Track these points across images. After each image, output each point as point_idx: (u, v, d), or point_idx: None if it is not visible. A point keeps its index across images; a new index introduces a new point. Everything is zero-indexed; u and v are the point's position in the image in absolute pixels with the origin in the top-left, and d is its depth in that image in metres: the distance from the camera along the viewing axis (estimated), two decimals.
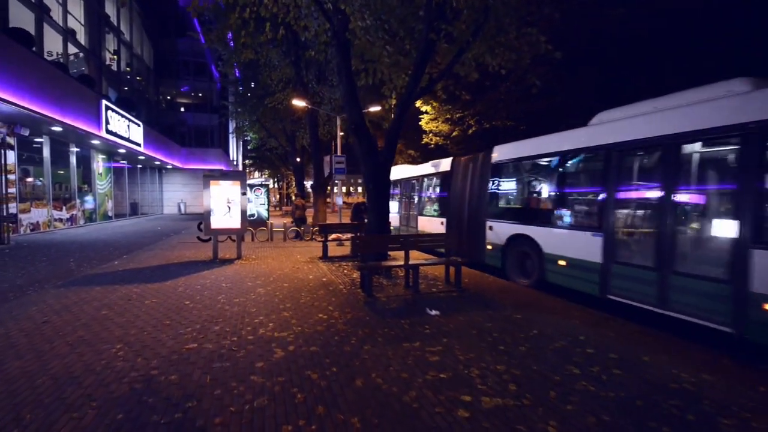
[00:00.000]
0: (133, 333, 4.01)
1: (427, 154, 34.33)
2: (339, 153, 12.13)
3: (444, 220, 9.56)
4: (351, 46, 7.67)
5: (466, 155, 10.12)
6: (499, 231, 7.52)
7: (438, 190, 10.44)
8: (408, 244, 6.31)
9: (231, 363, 3.30)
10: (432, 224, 10.30)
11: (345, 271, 7.50)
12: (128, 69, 24.68)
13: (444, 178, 9.92)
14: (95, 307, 4.89)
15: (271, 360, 3.38)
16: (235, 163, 39.79)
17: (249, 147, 35.09)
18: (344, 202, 17.93)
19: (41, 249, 9.62)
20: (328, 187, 18.06)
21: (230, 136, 35.84)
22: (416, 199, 11.63)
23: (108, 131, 15.64)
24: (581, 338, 4.07)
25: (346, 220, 15.01)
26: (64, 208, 15.17)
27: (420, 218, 11.15)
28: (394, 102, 8.61)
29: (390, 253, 7.37)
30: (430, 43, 6.76)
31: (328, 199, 36.66)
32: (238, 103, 20.59)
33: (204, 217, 8.51)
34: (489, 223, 7.81)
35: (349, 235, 9.72)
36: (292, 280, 6.68)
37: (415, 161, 40.16)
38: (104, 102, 15.35)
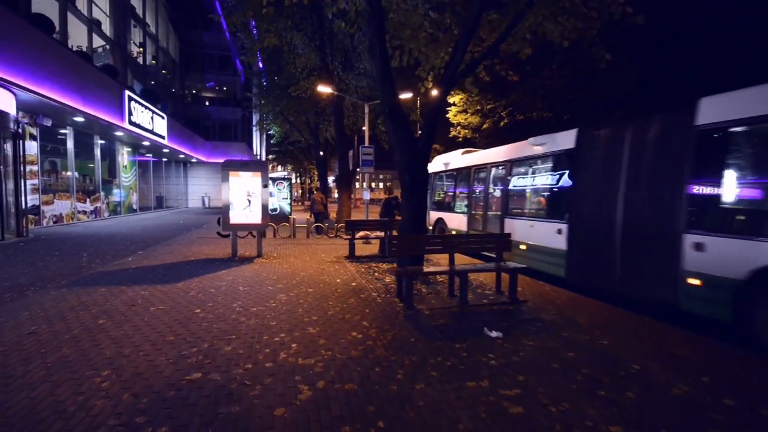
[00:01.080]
0: (127, 353, 3.26)
1: (453, 149, 33.12)
2: (367, 144, 11.20)
3: (564, 226, 6.17)
4: (386, 18, 6.73)
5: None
6: (730, 255, 3.97)
7: (550, 180, 6.92)
8: (452, 246, 5.36)
9: (242, 408, 2.46)
10: (539, 232, 6.76)
11: (376, 274, 6.62)
12: (154, 62, 24.67)
13: (561, 161, 6.58)
14: (93, 315, 4.20)
15: (294, 404, 2.52)
16: (258, 157, 39.73)
17: (272, 141, 34.84)
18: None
19: (57, 242, 9.23)
20: (353, 182, 17.23)
21: (253, 129, 35.69)
22: (498, 194, 8.35)
23: (131, 122, 15.37)
24: (704, 380, 3.02)
25: (374, 216, 14.20)
26: (88, 200, 15.03)
27: (513, 222, 7.45)
28: (430, 85, 7.63)
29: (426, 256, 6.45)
30: (484, 5, 5.73)
31: (357, 196, 36.05)
32: (261, 94, 20.08)
33: (222, 211, 7.82)
34: (694, 239, 4.31)
35: (377, 233, 8.85)
36: (317, 284, 5.85)
37: (438, 154, 39.08)
38: (127, 93, 15.06)
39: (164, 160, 24.84)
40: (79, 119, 12.80)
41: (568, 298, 5.48)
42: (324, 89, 12.41)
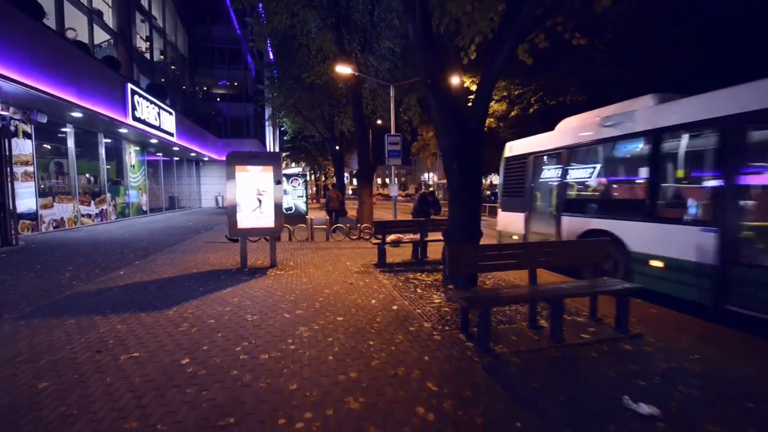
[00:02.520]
0: None
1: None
2: (393, 131, 9.67)
3: (712, 234, 4.21)
4: None
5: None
6: None
7: (701, 163, 4.74)
8: (531, 260, 3.90)
9: None
10: (669, 239, 4.73)
11: (418, 290, 5.23)
12: (162, 57, 23.71)
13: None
14: (33, 373, 2.92)
15: None
16: None
17: (285, 138, 33.76)
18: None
19: (46, 252, 8.14)
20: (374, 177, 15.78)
21: (266, 125, 34.64)
22: (616, 185, 6.10)
23: (135, 118, 14.31)
24: None
25: (402, 216, 12.76)
26: (92, 202, 14.07)
27: (626, 225, 5.36)
28: (473, 55, 6.14)
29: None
30: None
31: (386, 191, 34.56)
32: (273, 86, 18.84)
33: (228, 214, 6.53)
34: None
35: (411, 236, 7.44)
36: (347, 307, 4.49)
37: None
38: (130, 86, 13.98)
39: (175, 159, 23.94)
40: (77, 115, 11.76)
41: (693, 325, 3.96)
42: (343, 70, 10.99)
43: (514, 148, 8.08)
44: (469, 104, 6.25)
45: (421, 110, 15.98)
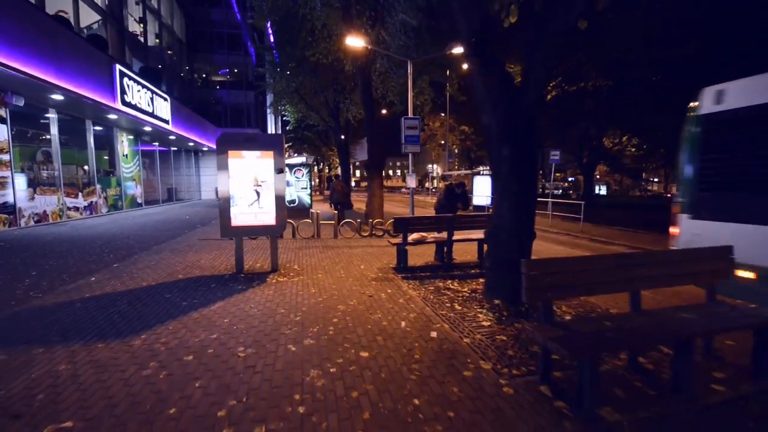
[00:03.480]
0: None
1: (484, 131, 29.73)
2: (411, 114, 8.38)
3: None
4: None
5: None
6: None
7: None
8: (626, 280, 2.77)
9: None
10: None
11: (456, 306, 4.14)
12: (157, 41, 22.44)
13: None
14: None
15: None
16: None
17: (288, 128, 32.49)
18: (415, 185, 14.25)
19: (13, 252, 7.08)
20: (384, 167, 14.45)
21: (268, 114, 33.39)
22: None
23: (125, 103, 13.17)
24: None
25: (421, 210, 11.59)
26: (80, 194, 13.01)
27: None
28: (514, 18, 4.96)
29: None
30: None
31: (389, 182, 33.18)
32: (274, 71, 17.60)
33: (220, 209, 5.43)
34: None
35: (436, 235, 6.32)
36: (371, 334, 3.40)
37: (468, 138, 35.80)
38: (118, 67, 12.80)
39: (173, 149, 22.83)
40: (58, 97, 10.63)
41: None
42: (354, 42, 9.75)
43: (729, 94, 3.95)
44: (519, 79, 5.08)
45: (435, 95, 14.75)
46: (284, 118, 29.94)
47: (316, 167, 45.34)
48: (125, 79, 13.22)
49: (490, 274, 4.46)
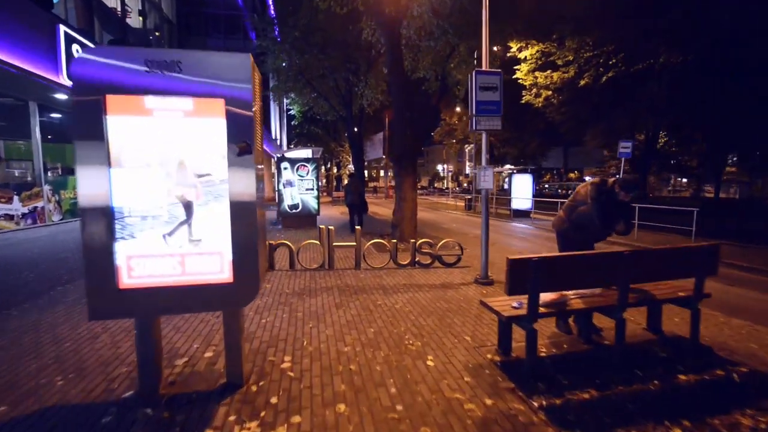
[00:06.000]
0: None
1: (522, 125, 26.11)
2: (485, 67, 4.94)
3: None
4: None
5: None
6: None
7: None
8: None
9: None
10: None
11: None
12: (141, 18, 19.38)
13: None
14: None
15: None
16: (278, 142, 34.18)
17: (293, 123, 29.26)
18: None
19: None
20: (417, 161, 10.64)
21: (271, 107, 30.22)
22: None
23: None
24: None
25: (440, 215, 8.01)
26: (16, 198, 9.89)
27: None
28: None
29: None
30: None
31: (388, 183, 29.02)
32: (276, 47, 14.36)
33: (87, 244, 2.13)
34: None
35: (593, 295, 2.96)
36: None
37: (492, 134, 32.22)
38: (63, 29, 9.64)
39: None
40: None
41: None
42: None
43: None
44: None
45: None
46: (289, 112, 26.76)
47: (323, 167, 42.16)
48: (75, 46, 10.06)
49: None
